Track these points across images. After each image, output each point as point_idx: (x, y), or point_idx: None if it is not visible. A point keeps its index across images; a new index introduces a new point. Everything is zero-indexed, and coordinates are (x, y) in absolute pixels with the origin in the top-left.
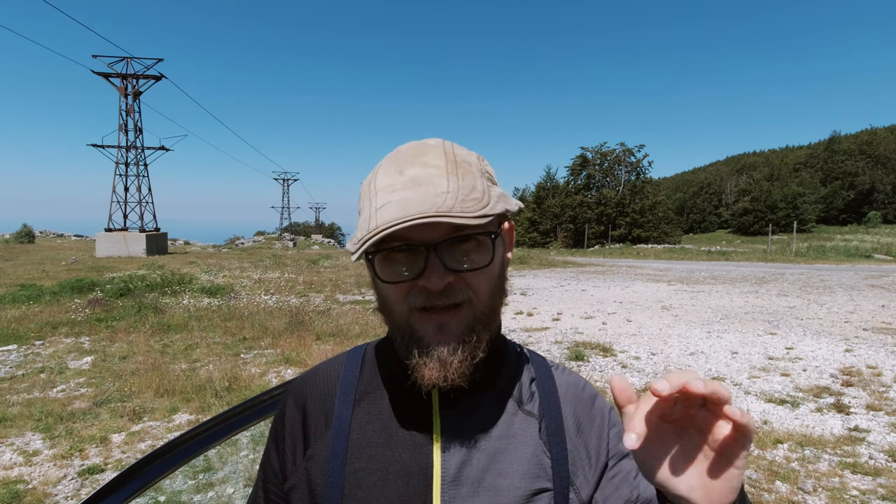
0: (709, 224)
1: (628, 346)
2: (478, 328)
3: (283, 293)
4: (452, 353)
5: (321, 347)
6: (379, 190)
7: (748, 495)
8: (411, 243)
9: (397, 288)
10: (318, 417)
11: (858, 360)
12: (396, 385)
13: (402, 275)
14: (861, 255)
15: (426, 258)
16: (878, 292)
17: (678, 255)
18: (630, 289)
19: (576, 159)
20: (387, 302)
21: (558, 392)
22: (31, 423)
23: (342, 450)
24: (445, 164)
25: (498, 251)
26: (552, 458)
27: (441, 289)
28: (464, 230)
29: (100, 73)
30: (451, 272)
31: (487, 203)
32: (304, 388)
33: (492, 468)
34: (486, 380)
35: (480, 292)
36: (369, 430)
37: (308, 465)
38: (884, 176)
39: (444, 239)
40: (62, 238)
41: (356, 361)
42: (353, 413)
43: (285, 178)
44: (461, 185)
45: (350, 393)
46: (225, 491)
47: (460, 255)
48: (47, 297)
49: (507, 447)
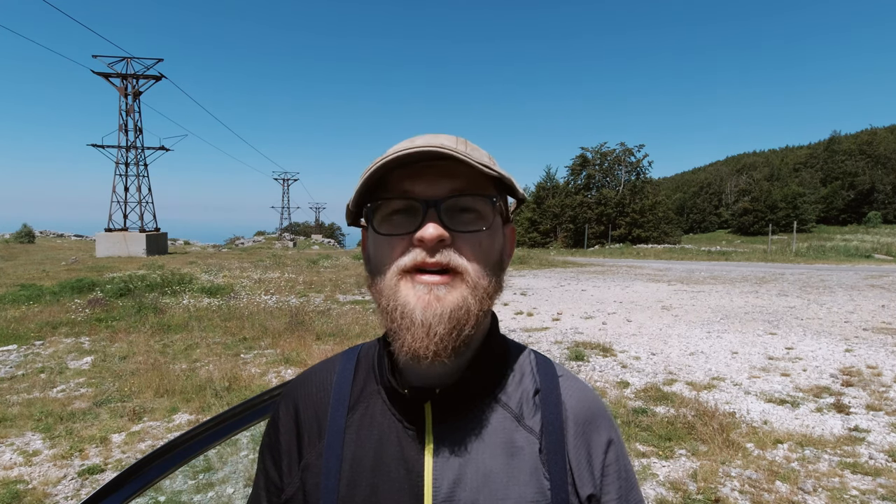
0: (709, 224)
1: (628, 346)
2: (469, 302)
3: (283, 293)
4: (439, 322)
5: (321, 347)
6: (388, 152)
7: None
8: (411, 198)
9: (390, 244)
10: (312, 426)
11: (858, 360)
12: (391, 393)
13: (398, 231)
14: (861, 255)
15: (425, 214)
16: (879, 292)
17: (678, 255)
18: (630, 289)
19: (576, 159)
20: (378, 264)
21: (564, 407)
22: (31, 423)
23: (336, 461)
24: (456, 139)
25: (497, 229)
26: (551, 480)
27: (434, 240)
28: (467, 191)
29: (100, 73)
30: (448, 230)
31: (494, 166)
32: (296, 393)
33: (486, 489)
34: (485, 389)
35: (475, 263)
36: (362, 443)
37: (303, 476)
38: (884, 176)
39: (445, 196)
40: (62, 238)
41: (350, 365)
42: (346, 422)
43: (285, 178)
44: (469, 150)
45: (343, 400)
46: (225, 491)
47: (460, 221)
48: (47, 297)
49: (505, 467)
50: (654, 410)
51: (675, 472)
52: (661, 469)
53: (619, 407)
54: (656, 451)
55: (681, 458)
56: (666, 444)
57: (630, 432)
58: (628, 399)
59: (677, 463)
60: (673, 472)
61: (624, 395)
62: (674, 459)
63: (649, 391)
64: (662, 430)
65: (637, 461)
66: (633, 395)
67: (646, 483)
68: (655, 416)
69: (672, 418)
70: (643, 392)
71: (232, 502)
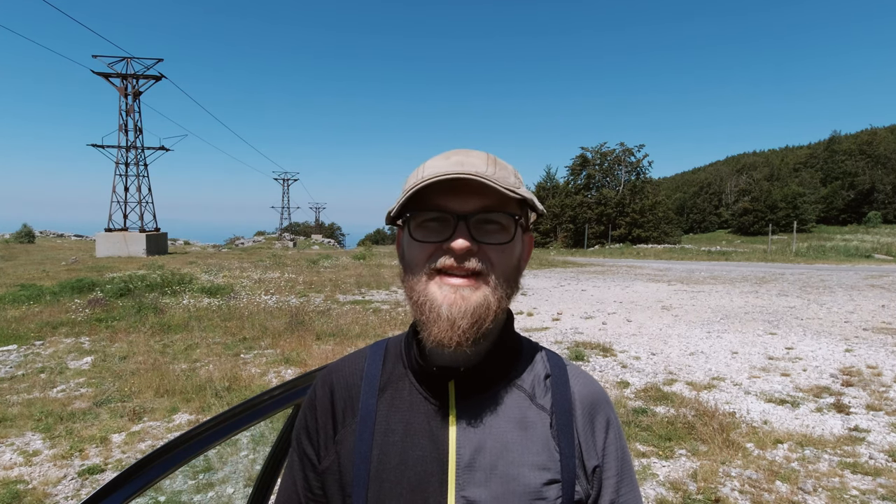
0: (709, 224)
1: (628, 346)
2: (489, 301)
3: (283, 293)
4: (462, 317)
5: (321, 347)
6: (426, 167)
7: (748, 495)
8: (445, 211)
9: (423, 248)
10: (346, 406)
11: (858, 359)
12: (416, 376)
13: (431, 238)
14: (861, 255)
15: (455, 226)
16: (878, 292)
17: (678, 255)
18: (630, 289)
19: (576, 159)
20: (410, 264)
21: (572, 390)
22: (31, 423)
23: (368, 436)
24: (487, 158)
25: (518, 237)
26: (561, 451)
27: (463, 250)
28: (492, 209)
29: (100, 73)
30: (476, 242)
31: (518, 188)
32: (331, 377)
33: (504, 457)
34: (501, 373)
35: (498, 268)
36: (392, 419)
37: (338, 449)
38: (884, 176)
39: (475, 212)
40: (62, 238)
41: (379, 354)
42: (377, 402)
43: (285, 178)
44: (498, 172)
45: (374, 383)
46: (225, 491)
47: (486, 232)
48: (47, 297)
49: (520, 438)
50: (654, 410)
51: (675, 472)
52: (661, 469)
53: (619, 407)
54: (656, 450)
55: (681, 458)
56: (666, 444)
57: (630, 432)
58: (628, 399)
59: (677, 463)
60: (673, 472)
61: (624, 394)
62: (674, 459)
63: (649, 391)
64: (662, 430)
65: (637, 461)
66: (634, 395)
67: (646, 483)
68: (655, 416)
69: (672, 418)
70: (643, 392)
71: (232, 502)
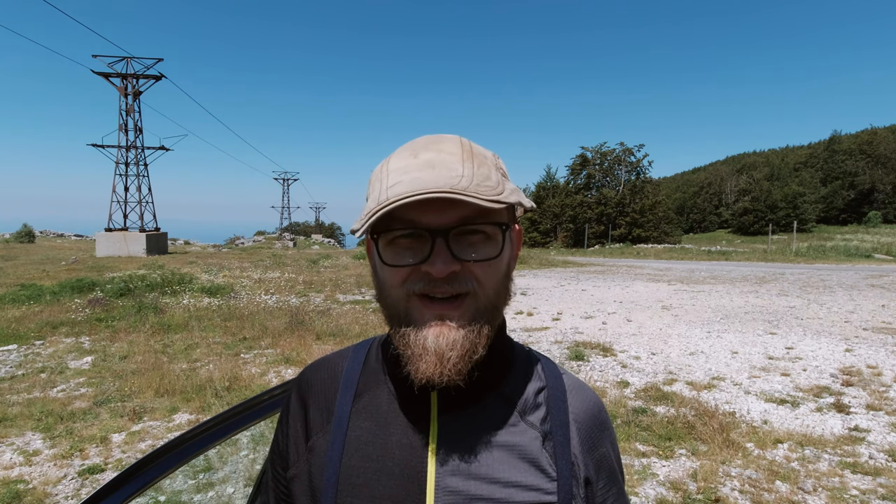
0: (709, 224)
1: (628, 346)
2: (480, 323)
3: (283, 293)
4: (451, 348)
5: (321, 347)
6: (391, 171)
7: (748, 495)
8: (418, 227)
9: (397, 272)
10: (320, 409)
11: (858, 359)
12: (397, 383)
13: (405, 260)
14: (861, 254)
15: (432, 244)
16: (879, 292)
17: (678, 255)
18: (630, 288)
19: (576, 159)
20: (384, 286)
21: (568, 406)
22: (32, 422)
23: (339, 445)
24: (461, 152)
25: (506, 247)
26: (557, 468)
27: (444, 276)
28: (474, 220)
29: (100, 72)
30: (458, 261)
31: (501, 192)
32: (308, 378)
33: (488, 478)
34: (489, 384)
35: (486, 285)
36: (366, 428)
37: (309, 457)
38: (884, 176)
39: (453, 225)
40: (62, 238)
41: (361, 354)
42: (352, 408)
43: (285, 178)
44: (476, 172)
45: (351, 387)
46: (225, 491)
47: (468, 244)
48: (47, 296)
49: (506, 458)
50: (654, 410)
51: (675, 472)
52: (661, 469)
53: (619, 407)
54: (656, 450)
55: (681, 458)
56: (666, 444)
57: (630, 432)
58: (628, 399)
59: (677, 463)
60: (673, 472)
61: (624, 394)
62: (674, 459)
63: (649, 391)
64: (662, 429)
65: (637, 461)
66: (633, 395)
67: (646, 483)
68: (655, 416)
69: (672, 418)
70: (643, 392)
71: (232, 502)
